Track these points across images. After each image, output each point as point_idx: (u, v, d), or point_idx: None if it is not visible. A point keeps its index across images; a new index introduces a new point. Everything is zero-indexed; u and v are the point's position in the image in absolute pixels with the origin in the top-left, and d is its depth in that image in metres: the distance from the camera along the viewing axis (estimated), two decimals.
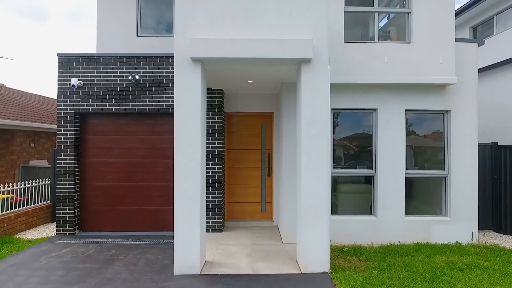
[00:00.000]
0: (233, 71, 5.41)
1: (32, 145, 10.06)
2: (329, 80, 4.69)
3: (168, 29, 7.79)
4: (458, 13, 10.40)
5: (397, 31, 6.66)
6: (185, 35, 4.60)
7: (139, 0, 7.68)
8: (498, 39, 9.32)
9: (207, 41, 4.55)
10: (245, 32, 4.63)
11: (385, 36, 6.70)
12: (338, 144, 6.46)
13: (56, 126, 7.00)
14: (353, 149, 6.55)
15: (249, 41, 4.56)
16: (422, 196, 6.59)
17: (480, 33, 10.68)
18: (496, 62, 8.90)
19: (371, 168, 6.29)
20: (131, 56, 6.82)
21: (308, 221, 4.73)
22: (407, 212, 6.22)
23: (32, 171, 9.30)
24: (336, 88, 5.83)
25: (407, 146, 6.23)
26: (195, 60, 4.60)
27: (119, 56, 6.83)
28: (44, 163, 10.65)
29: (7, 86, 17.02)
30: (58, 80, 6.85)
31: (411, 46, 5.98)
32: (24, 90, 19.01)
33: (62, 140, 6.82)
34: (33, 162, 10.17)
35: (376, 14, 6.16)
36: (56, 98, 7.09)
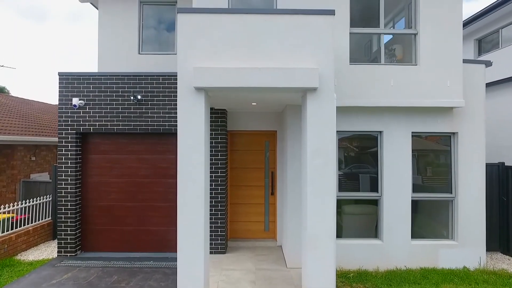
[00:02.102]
0: (237, 96, 5.32)
1: (33, 158, 9.99)
2: (335, 109, 4.60)
3: (170, 46, 7.69)
4: (463, 25, 10.26)
5: (403, 48, 6.56)
6: (188, 64, 4.51)
7: (140, 18, 7.58)
8: (504, 53, 9.20)
9: (211, 70, 4.45)
10: (249, 61, 4.53)
11: (390, 54, 6.60)
12: (341, 146, 6.38)
13: (57, 138, 6.91)
14: (356, 153, 6.46)
15: (253, 70, 4.46)
16: (429, 219, 6.48)
17: (486, 43, 10.56)
18: (503, 78, 8.76)
19: (376, 190, 6.19)
20: (133, 76, 6.73)
21: (314, 253, 4.62)
22: (413, 236, 6.12)
23: (33, 186, 9.22)
24: (341, 110, 5.72)
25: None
26: (198, 89, 4.51)
27: (121, 76, 6.74)
28: (45, 176, 10.57)
29: (10, 93, 17.00)
30: (59, 100, 6.77)
31: (417, 68, 5.87)
32: (25, 97, 19.00)
33: (63, 160, 6.74)
34: (34, 176, 10.09)
35: (382, 36, 6.05)
36: (56, 103, 7.03)
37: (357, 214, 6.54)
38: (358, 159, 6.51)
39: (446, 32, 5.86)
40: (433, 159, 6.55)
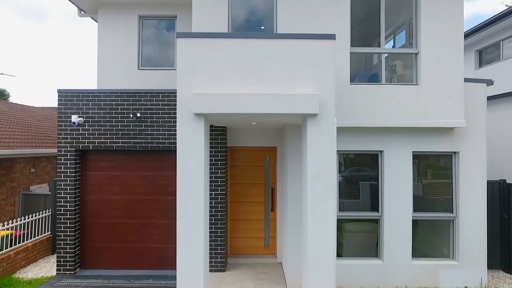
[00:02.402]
0: (237, 118, 5.29)
1: (33, 170, 9.96)
2: (335, 134, 4.57)
3: (169, 61, 7.65)
4: (464, 36, 10.23)
5: (403, 63, 6.51)
6: (187, 90, 4.48)
7: (140, 32, 7.54)
8: (505, 66, 9.15)
9: (210, 97, 4.42)
10: (249, 86, 4.50)
11: (391, 70, 6.55)
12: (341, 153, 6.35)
13: (56, 150, 6.85)
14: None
15: (253, 96, 4.43)
16: (430, 237, 6.44)
17: (487, 54, 10.51)
18: (504, 92, 8.68)
19: (376, 209, 6.16)
20: (132, 93, 6.70)
21: (314, 274, 4.59)
22: (414, 255, 6.08)
23: (32, 199, 9.21)
24: (341, 130, 5.67)
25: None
26: (198, 114, 4.48)
27: (120, 93, 6.71)
28: (44, 187, 10.55)
29: (11, 95, 16.92)
30: (58, 117, 6.74)
31: (418, 88, 5.84)
32: (26, 97, 18.97)
33: (63, 178, 6.71)
34: (34, 188, 10.07)
35: (383, 56, 6.01)
36: (55, 105, 6.99)
37: (358, 232, 6.50)
38: (358, 172, 6.50)
39: (447, 51, 5.82)
40: (433, 162, 6.45)
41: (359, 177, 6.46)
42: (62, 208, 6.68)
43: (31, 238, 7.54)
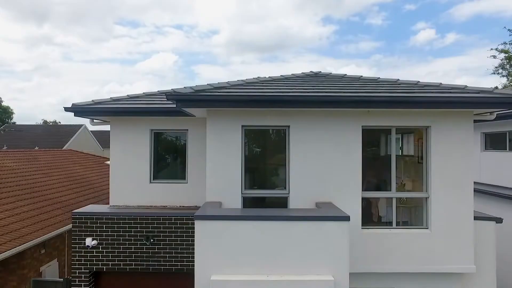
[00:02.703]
0: None
1: (43, 251, 10.09)
2: None
3: (181, 175, 7.73)
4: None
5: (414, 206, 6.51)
6: (205, 275, 4.58)
7: (151, 146, 7.61)
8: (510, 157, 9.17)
9: (228, 283, 4.53)
10: (266, 272, 4.60)
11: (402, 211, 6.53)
12: None
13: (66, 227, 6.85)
14: None
15: (269, 283, 4.53)
16: None
17: (493, 138, 10.53)
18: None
19: None
20: (145, 216, 6.82)
21: None
22: None
23: (43, 286, 9.31)
24: (353, 276, 5.78)
25: None
26: None
27: (133, 216, 6.83)
28: (54, 264, 10.67)
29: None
30: (73, 239, 6.89)
31: (428, 233, 5.92)
32: (33, 148, 19.08)
33: None
34: (44, 268, 10.20)
35: (394, 199, 6.09)
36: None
37: None
38: None
39: (457, 196, 5.89)
40: None
41: None
42: None
43: None
